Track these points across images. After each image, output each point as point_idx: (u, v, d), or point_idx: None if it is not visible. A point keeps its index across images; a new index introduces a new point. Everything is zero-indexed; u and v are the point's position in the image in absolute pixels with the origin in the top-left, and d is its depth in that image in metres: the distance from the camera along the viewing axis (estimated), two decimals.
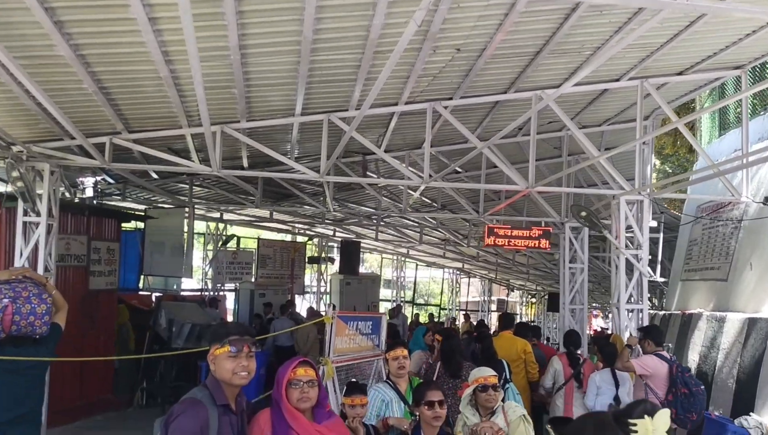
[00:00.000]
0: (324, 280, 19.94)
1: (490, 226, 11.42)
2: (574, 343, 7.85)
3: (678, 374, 6.41)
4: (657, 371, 6.47)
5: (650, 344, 6.78)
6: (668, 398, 6.39)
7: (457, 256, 22.79)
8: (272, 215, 15.79)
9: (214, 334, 3.07)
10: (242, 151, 10.26)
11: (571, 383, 7.55)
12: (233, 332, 3.02)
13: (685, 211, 12.63)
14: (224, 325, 3.34)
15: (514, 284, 34.31)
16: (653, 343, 6.77)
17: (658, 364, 6.48)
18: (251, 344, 3.02)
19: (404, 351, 4.67)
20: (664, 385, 6.44)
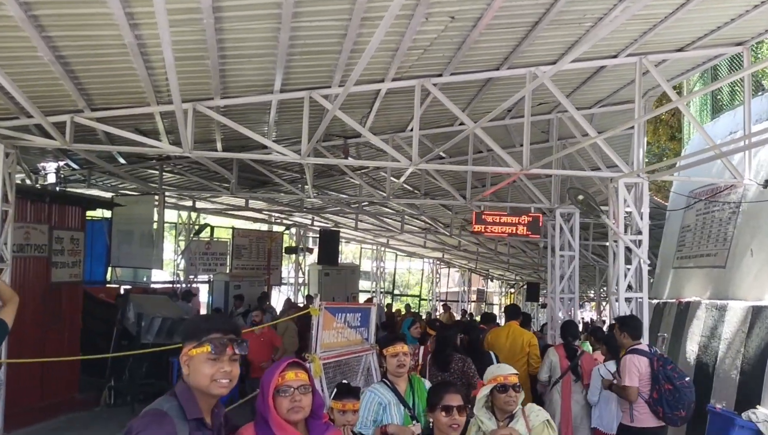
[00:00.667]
0: (302, 271, 19.32)
1: (478, 213, 10.93)
2: (572, 334, 7.42)
3: (659, 369, 5.89)
4: (642, 368, 5.98)
5: (626, 337, 6.22)
6: (653, 396, 5.91)
7: (438, 245, 22.34)
8: (248, 203, 15.11)
9: (191, 330, 2.45)
10: (216, 133, 9.61)
11: (569, 376, 7.12)
12: (216, 328, 2.39)
13: (673, 197, 12.28)
14: (206, 319, 2.66)
15: (493, 274, 34.05)
16: (630, 336, 6.16)
17: (640, 361, 5.93)
18: (237, 344, 2.40)
19: (405, 347, 4.13)
20: (648, 382, 5.93)
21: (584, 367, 7.08)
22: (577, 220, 10.83)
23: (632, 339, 6.20)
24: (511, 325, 8.32)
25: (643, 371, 5.95)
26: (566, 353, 7.26)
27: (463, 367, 6.33)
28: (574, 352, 7.23)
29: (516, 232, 10.83)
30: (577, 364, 7.11)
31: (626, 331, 6.22)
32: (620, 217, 7.98)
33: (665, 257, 11.75)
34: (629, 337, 6.20)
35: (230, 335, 2.41)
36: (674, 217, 11.70)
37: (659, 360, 6.01)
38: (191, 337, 2.41)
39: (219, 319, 2.68)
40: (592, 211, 7.90)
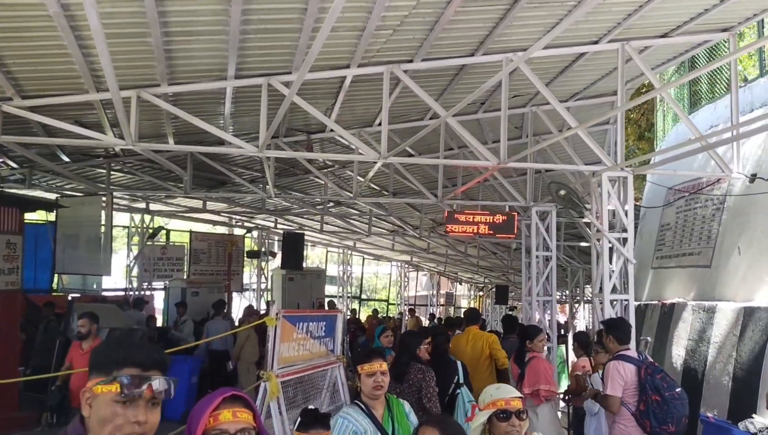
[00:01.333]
0: (265, 277, 18.48)
1: (451, 212, 10.32)
2: (528, 335, 6.84)
3: (647, 378, 5.30)
4: (628, 376, 5.40)
5: (612, 341, 5.61)
6: (640, 408, 5.31)
7: (406, 248, 21.71)
8: (205, 205, 14.26)
9: (99, 358, 1.79)
10: (167, 126, 8.80)
11: (520, 386, 6.55)
12: (133, 360, 1.74)
13: (649, 195, 11.88)
14: (121, 345, 1.86)
15: (462, 277, 33.59)
16: (617, 340, 5.57)
17: (626, 368, 5.36)
18: (163, 385, 1.73)
19: (383, 364, 3.44)
20: (634, 392, 5.34)
21: (528, 373, 6.52)
22: (554, 218, 10.30)
23: (619, 343, 5.62)
24: (471, 329, 7.93)
25: (629, 380, 5.38)
26: (516, 359, 6.75)
27: (423, 379, 5.68)
28: (523, 359, 6.70)
29: (490, 231, 10.26)
30: (523, 371, 6.59)
31: (612, 335, 5.64)
32: (604, 214, 7.44)
33: (643, 257, 11.30)
34: (616, 342, 5.63)
35: (152, 371, 1.73)
36: (651, 216, 11.27)
37: (648, 368, 5.43)
38: (98, 369, 1.74)
39: (138, 346, 1.89)
40: (574, 206, 7.35)
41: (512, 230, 10.23)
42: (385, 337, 7.35)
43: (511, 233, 10.23)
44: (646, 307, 9.73)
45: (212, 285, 15.34)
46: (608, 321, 6.04)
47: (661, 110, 13.22)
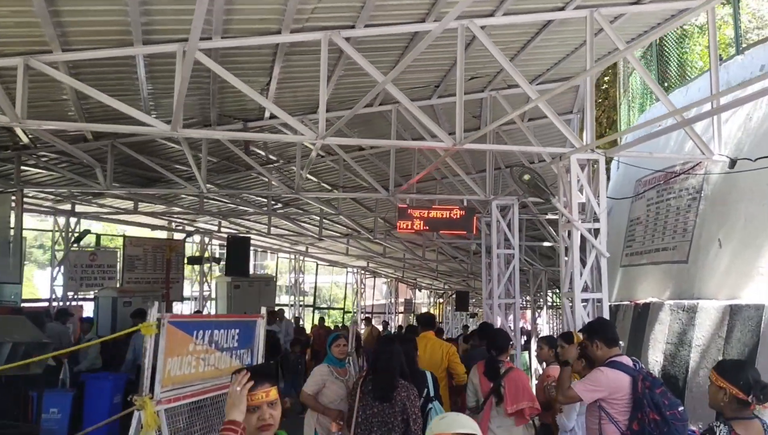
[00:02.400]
0: (208, 284, 17.17)
1: (402, 207, 9.34)
2: (498, 346, 5.78)
3: (645, 392, 4.33)
4: (616, 388, 4.44)
5: (600, 347, 4.69)
6: (633, 428, 4.35)
7: (362, 252, 20.67)
8: (137, 206, 12.97)
9: None
10: (75, 107, 7.60)
11: (490, 401, 5.56)
12: None
13: (614, 187, 11.12)
14: None
15: (421, 284, 32.70)
16: (605, 344, 4.64)
17: (616, 377, 4.43)
18: None
19: (271, 392, 2.39)
20: (627, 406, 4.38)
21: (508, 388, 5.51)
22: (516, 213, 9.41)
23: (608, 347, 4.68)
24: (427, 336, 7.07)
25: (618, 389, 4.43)
26: (486, 372, 5.72)
27: (407, 397, 4.79)
28: (497, 371, 5.65)
29: (446, 228, 9.32)
30: (499, 385, 5.55)
31: (598, 340, 4.70)
32: (574, 202, 6.55)
33: (610, 255, 10.52)
34: (604, 346, 4.68)
35: None
36: (619, 210, 10.49)
37: (645, 380, 4.47)
38: None
39: None
40: (541, 193, 6.42)
41: (470, 227, 9.30)
42: (337, 346, 6.17)
43: (468, 230, 9.30)
44: (617, 309, 8.89)
45: (147, 294, 13.99)
46: (589, 326, 5.07)
47: (625, 101, 12.53)
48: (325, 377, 5.73)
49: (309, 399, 5.62)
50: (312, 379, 5.70)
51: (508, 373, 5.55)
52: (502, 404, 5.47)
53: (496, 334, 6.03)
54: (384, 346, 5.33)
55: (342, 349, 6.02)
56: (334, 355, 5.94)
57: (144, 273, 15.09)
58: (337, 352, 5.98)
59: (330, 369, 5.81)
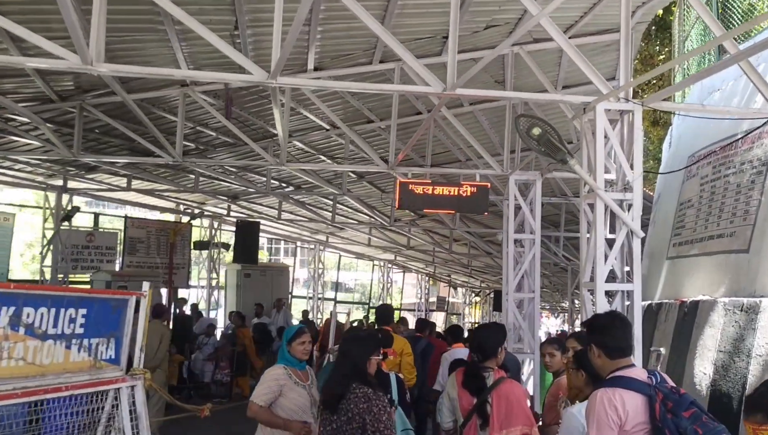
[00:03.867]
0: (216, 272, 16.13)
1: (402, 182, 7.97)
2: (485, 350, 4.27)
3: (665, 416, 2.92)
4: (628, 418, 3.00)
5: (600, 356, 3.23)
6: None
7: (386, 243, 19.31)
8: (131, 183, 11.95)
9: None
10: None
11: (472, 423, 4.09)
12: None
13: (665, 168, 9.46)
14: None
15: (455, 281, 31.12)
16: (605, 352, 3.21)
17: (624, 401, 3.02)
18: None
19: None
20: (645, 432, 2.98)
21: (497, 406, 4.03)
22: (539, 190, 7.88)
23: (610, 357, 3.23)
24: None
25: (630, 418, 2.98)
26: (467, 383, 4.21)
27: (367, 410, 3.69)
28: (481, 384, 4.15)
29: (454, 208, 7.90)
30: (485, 401, 4.06)
31: (597, 343, 3.27)
32: (598, 163, 5.05)
33: (655, 246, 8.89)
34: (605, 355, 3.24)
35: None
36: (666, 193, 8.85)
37: (667, 398, 3.00)
38: None
39: None
40: (554, 152, 4.95)
41: (483, 207, 7.86)
42: (301, 343, 4.83)
43: (481, 210, 7.85)
44: (658, 308, 7.30)
45: (145, 279, 12.94)
46: (590, 322, 3.59)
47: (680, 71, 10.76)
48: (282, 382, 4.41)
49: (261, 413, 4.29)
50: (263, 387, 4.37)
51: (497, 385, 4.09)
52: (487, 428, 4.04)
53: (479, 333, 4.52)
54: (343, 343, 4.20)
55: (306, 348, 4.67)
56: (293, 354, 4.60)
57: (146, 257, 14.14)
58: (300, 351, 4.63)
59: (287, 371, 4.49)
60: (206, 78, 5.31)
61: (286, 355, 4.57)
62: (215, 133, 10.15)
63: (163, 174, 12.19)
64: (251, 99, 8.79)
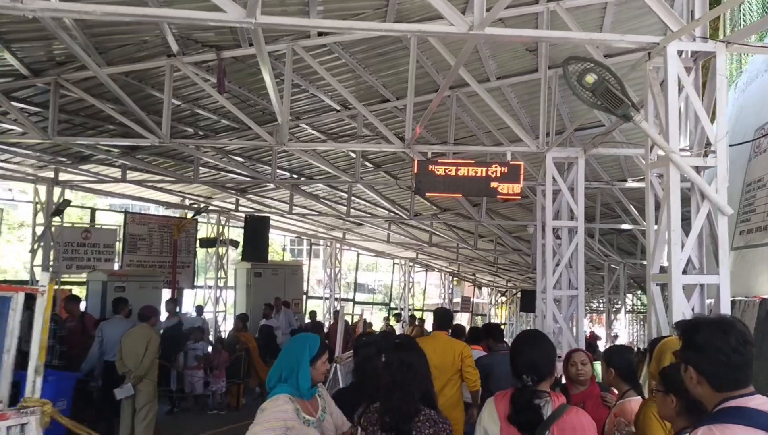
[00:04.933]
0: (224, 271, 15.14)
1: (421, 162, 6.85)
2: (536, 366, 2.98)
3: None
4: None
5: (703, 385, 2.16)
6: None
7: (407, 239, 18.17)
8: (125, 175, 10.99)
9: None
10: None
11: None
12: None
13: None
14: None
15: (480, 281, 29.86)
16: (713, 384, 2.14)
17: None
18: None
19: None
20: None
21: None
22: (581, 169, 6.68)
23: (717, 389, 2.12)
24: (437, 336, 5.90)
25: None
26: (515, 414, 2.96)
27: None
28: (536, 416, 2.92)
29: (482, 192, 6.76)
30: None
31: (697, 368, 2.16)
32: (671, 120, 3.89)
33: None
34: (708, 385, 2.14)
35: None
36: (731, 176, 7.59)
37: None
38: None
39: None
40: (615, 105, 3.80)
41: (518, 189, 6.70)
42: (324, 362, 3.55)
43: (515, 193, 6.69)
44: (731, 307, 6.07)
45: (146, 279, 12.07)
46: (688, 328, 2.40)
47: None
48: (290, 423, 3.10)
49: None
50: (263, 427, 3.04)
51: (559, 416, 2.89)
52: None
53: (528, 341, 3.25)
54: (397, 352, 3.31)
55: (323, 368, 3.47)
56: (315, 378, 3.39)
57: (148, 255, 13.20)
58: (322, 374, 3.44)
59: (295, 406, 3.26)
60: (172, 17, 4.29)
61: (300, 381, 3.24)
62: (214, 115, 9.14)
63: (163, 163, 11.23)
64: (251, 73, 7.75)
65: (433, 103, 6.69)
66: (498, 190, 6.71)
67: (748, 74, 8.31)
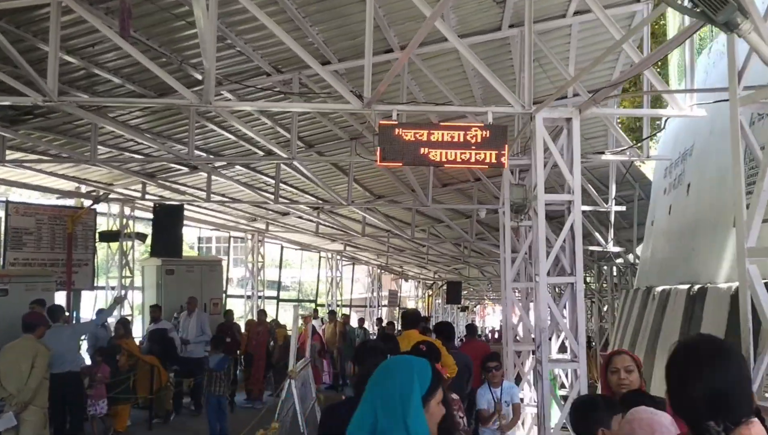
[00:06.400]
0: (130, 268, 13.17)
1: (385, 125, 5.57)
2: (722, 402, 1.70)
3: None
4: None
5: None
6: None
7: (335, 231, 16.81)
8: (4, 155, 8.99)
9: None
10: None
11: None
12: None
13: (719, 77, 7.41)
14: None
15: (408, 273, 28.93)
16: None
17: None
18: None
19: None
20: None
21: None
22: (577, 132, 5.59)
23: None
24: (409, 334, 6.24)
25: None
26: None
27: None
28: None
29: (463, 158, 5.57)
30: None
31: None
32: None
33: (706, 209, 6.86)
34: None
35: None
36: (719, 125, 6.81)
37: None
38: None
39: None
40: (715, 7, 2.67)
41: (499, 156, 5.55)
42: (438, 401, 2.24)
43: (498, 160, 5.53)
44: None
45: (36, 280, 10.10)
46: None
47: None
48: None
49: None
50: None
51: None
52: None
53: (708, 358, 1.93)
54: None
55: (439, 412, 2.28)
56: (431, 420, 2.17)
57: (36, 252, 11.13)
58: (432, 420, 2.22)
59: None
60: None
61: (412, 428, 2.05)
62: (116, 77, 7.44)
63: (53, 141, 9.34)
64: (164, 20, 6.17)
65: (404, 55, 5.39)
66: (480, 158, 5.53)
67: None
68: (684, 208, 8.02)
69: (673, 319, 6.62)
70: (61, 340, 7.68)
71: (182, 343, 10.93)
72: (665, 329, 6.84)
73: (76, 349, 8.56)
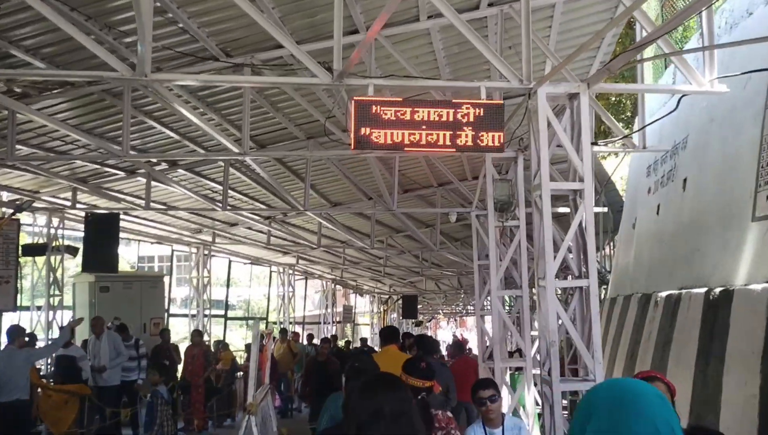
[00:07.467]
0: (59, 286, 11.68)
1: (360, 102, 4.67)
2: None
3: None
4: None
5: None
6: None
7: (287, 241, 15.71)
8: None
9: None
10: None
11: None
12: None
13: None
14: None
15: (363, 287, 27.89)
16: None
17: None
18: None
19: None
20: None
21: None
22: (586, 109, 4.80)
23: None
24: (388, 350, 6.03)
25: None
26: None
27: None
28: None
29: (452, 141, 4.72)
30: None
31: None
32: None
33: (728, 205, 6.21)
34: None
35: None
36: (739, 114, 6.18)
37: None
38: None
39: None
40: None
41: (497, 138, 4.72)
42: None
43: (496, 144, 4.70)
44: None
45: None
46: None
47: None
48: None
49: None
50: None
51: None
52: None
53: None
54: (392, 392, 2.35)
55: None
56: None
57: None
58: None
59: None
60: None
61: None
62: (36, 59, 6.29)
63: None
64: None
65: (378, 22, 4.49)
66: (476, 139, 4.68)
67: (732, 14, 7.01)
68: (679, 206, 7.40)
69: (688, 327, 5.92)
70: (13, 365, 7.28)
71: (97, 371, 9.59)
72: (678, 339, 6.13)
73: (27, 375, 7.67)
